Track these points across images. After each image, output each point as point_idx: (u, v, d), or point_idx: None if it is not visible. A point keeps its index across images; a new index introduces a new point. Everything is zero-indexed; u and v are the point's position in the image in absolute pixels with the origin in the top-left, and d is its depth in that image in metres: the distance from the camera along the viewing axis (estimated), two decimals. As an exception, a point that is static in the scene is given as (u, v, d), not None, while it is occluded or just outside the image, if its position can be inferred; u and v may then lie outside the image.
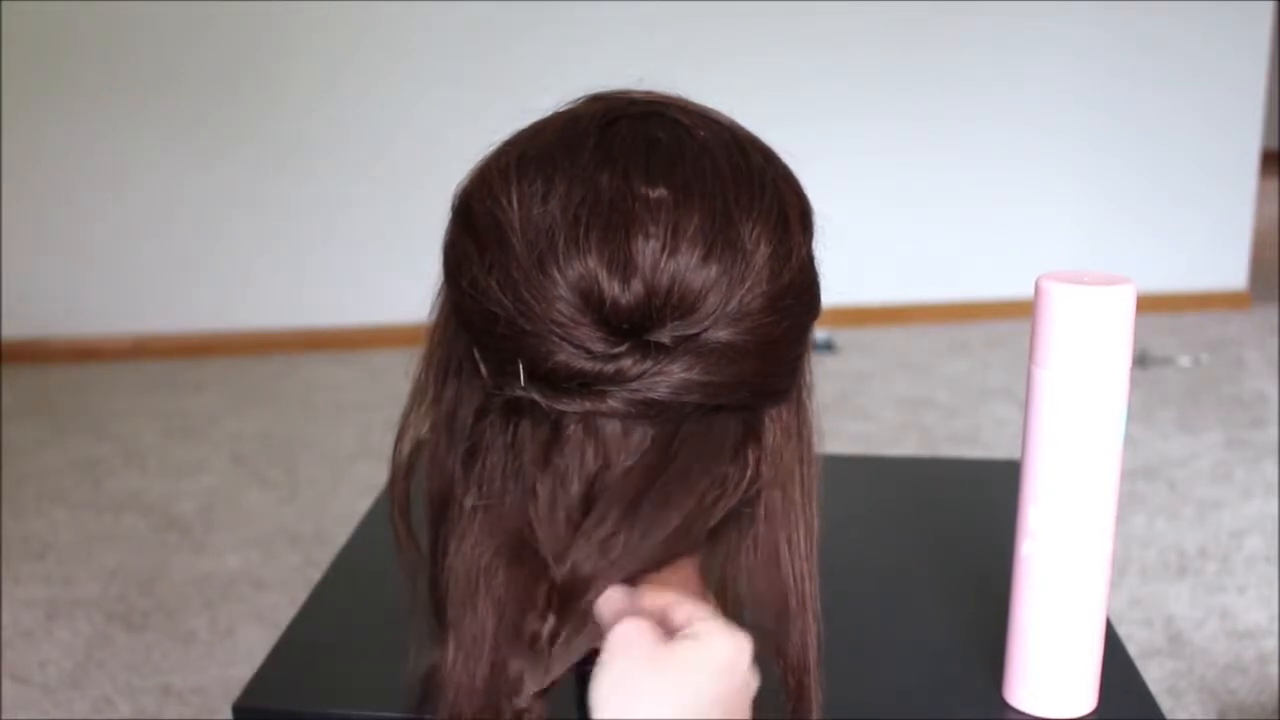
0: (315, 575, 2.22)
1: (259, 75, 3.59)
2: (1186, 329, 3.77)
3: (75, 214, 3.67)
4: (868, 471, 1.23)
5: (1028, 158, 3.89)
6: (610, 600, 0.55)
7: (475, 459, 0.59)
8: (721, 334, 0.54)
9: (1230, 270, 4.06)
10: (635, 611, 0.55)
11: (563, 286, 0.53)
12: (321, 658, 0.89)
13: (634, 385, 0.53)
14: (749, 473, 0.58)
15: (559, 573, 0.54)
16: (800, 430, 0.62)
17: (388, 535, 0.71)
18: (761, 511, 0.61)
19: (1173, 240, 4.00)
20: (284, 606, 2.13)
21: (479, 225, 0.56)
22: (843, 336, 3.69)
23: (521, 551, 0.58)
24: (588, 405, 0.53)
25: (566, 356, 0.53)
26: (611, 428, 0.55)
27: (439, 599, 0.70)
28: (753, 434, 0.58)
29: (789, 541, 0.62)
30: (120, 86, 3.57)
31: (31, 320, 3.72)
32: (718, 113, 0.60)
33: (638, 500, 0.54)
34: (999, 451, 2.80)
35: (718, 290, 0.53)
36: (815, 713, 0.65)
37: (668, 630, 0.54)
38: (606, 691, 0.52)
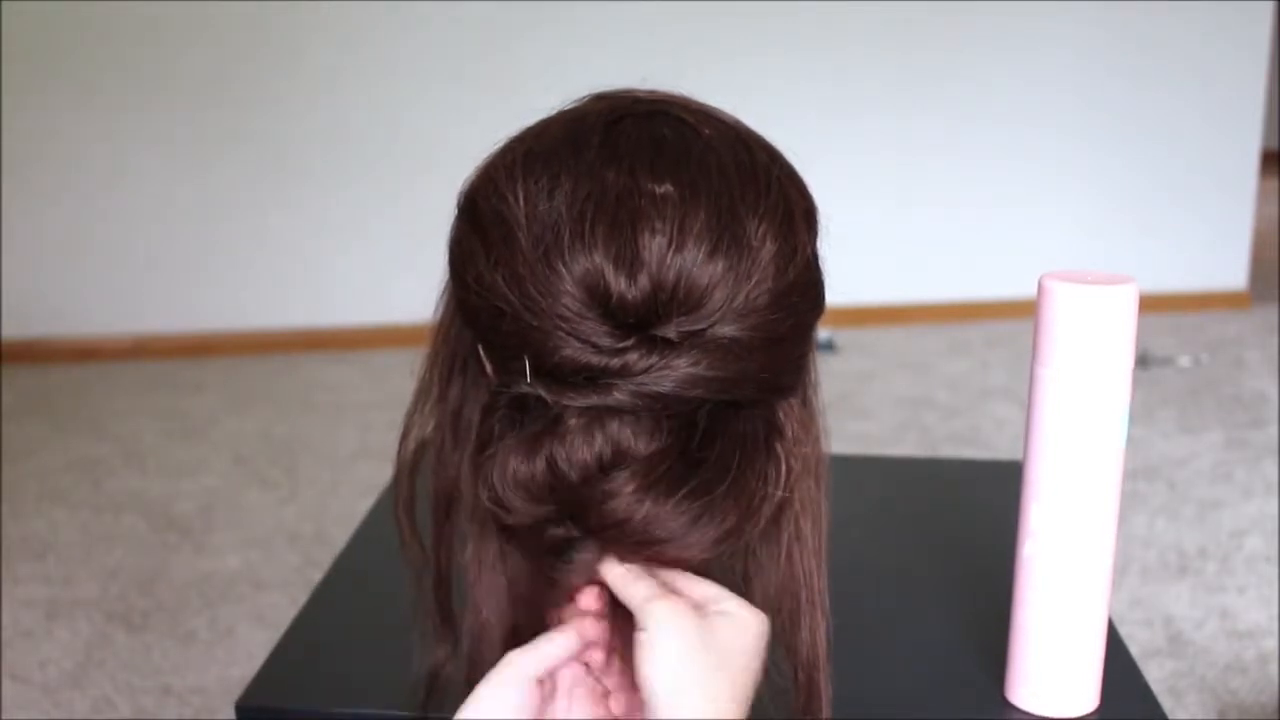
0: (315, 575, 2.21)
1: (259, 75, 3.59)
2: (1186, 329, 3.77)
3: (75, 214, 3.67)
4: (868, 471, 1.23)
5: (1028, 158, 3.89)
6: (626, 577, 0.58)
7: (483, 456, 0.59)
8: (727, 330, 0.54)
9: (1230, 270, 4.06)
10: (662, 590, 0.57)
11: (569, 281, 0.53)
12: (324, 657, 0.89)
13: (640, 379, 0.53)
14: (783, 467, 0.58)
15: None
16: (815, 428, 0.63)
17: (389, 535, 0.71)
18: (797, 505, 0.62)
19: (1173, 240, 4.00)
20: (284, 606, 2.13)
21: (485, 222, 0.56)
22: (843, 336, 3.69)
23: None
24: (594, 399, 0.53)
25: (573, 351, 0.53)
26: (617, 424, 0.55)
27: (442, 597, 0.70)
28: (776, 430, 0.58)
29: (800, 538, 0.63)
30: (120, 86, 3.57)
31: (31, 320, 3.72)
32: (722, 111, 0.60)
33: (673, 488, 0.54)
34: (999, 451, 2.80)
35: (724, 286, 0.53)
36: (826, 710, 0.65)
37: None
38: (670, 671, 0.54)
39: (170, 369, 3.63)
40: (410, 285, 0.99)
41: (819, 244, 0.59)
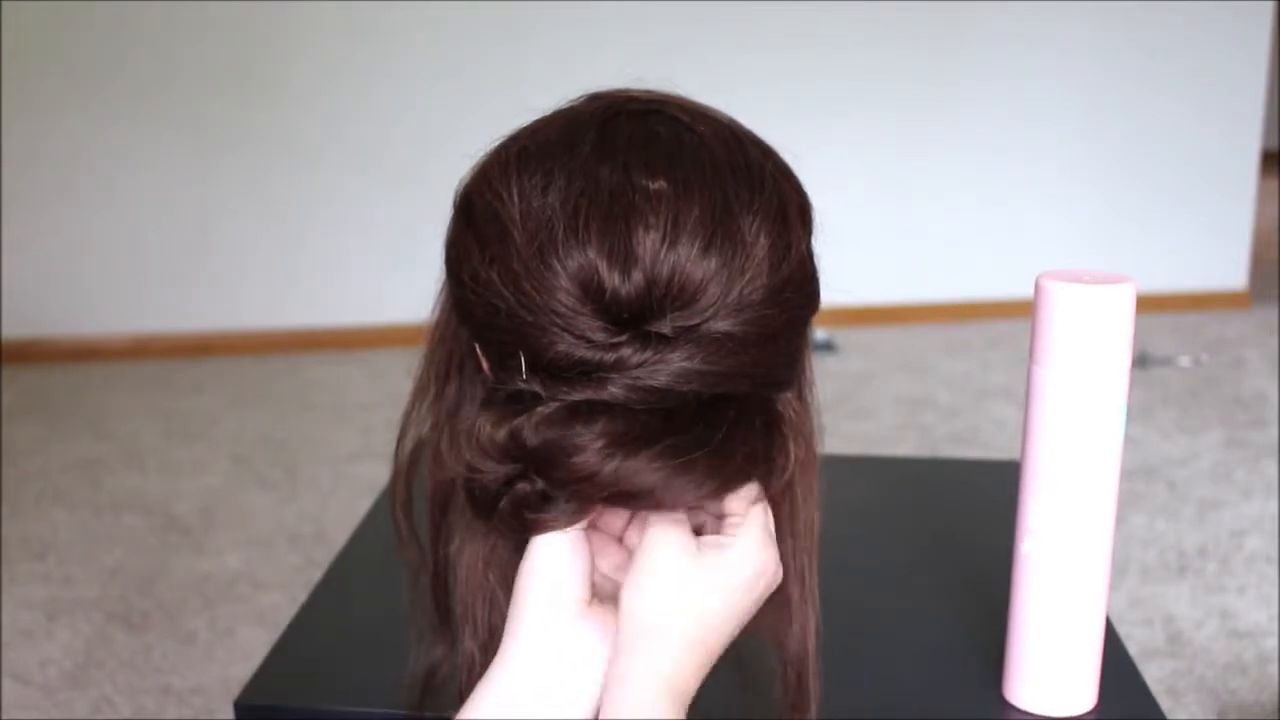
0: (315, 575, 2.22)
1: (259, 74, 3.59)
2: (1186, 329, 3.77)
3: (75, 214, 3.67)
4: (868, 471, 1.23)
5: (1028, 158, 3.89)
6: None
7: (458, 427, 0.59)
8: (722, 325, 0.54)
9: (1230, 270, 4.06)
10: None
11: (563, 277, 0.53)
12: (323, 655, 0.89)
13: (635, 373, 0.53)
14: (790, 450, 0.58)
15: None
16: (806, 424, 0.63)
17: (388, 534, 0.71)
18: (789, 503, 0.62)
19: (1173, 240, 4.00)
20: (284, 606, 2.13)
21: (480, 220, 0.56)
22: (843, 336, 3.69)
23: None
24: (589, 393, 0.53)
25: (567, 346, 0.53)
26: (604, 418, 0.54)
27: (439, 596, 0.70)
28: (776, 416, 0.58)
29: (793, 534, 0.63)
30: (120, 86, 3.57)
31: (31, 320, 3.72)
32: (717, 110, 0.60)
33: (644, 443, 0.53)
34: (999, 451, 2.80)
35: (718, 282, 0.53)
36: (814, 709, 0.65)
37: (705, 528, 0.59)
38: (639, 587, 0.56)
39: (170, 369, 3.63)
40: (409, 285, 0.99)
41: (814, 240, 0.60)
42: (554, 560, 0.57)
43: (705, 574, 0.56)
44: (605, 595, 0.60)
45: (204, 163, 3.65)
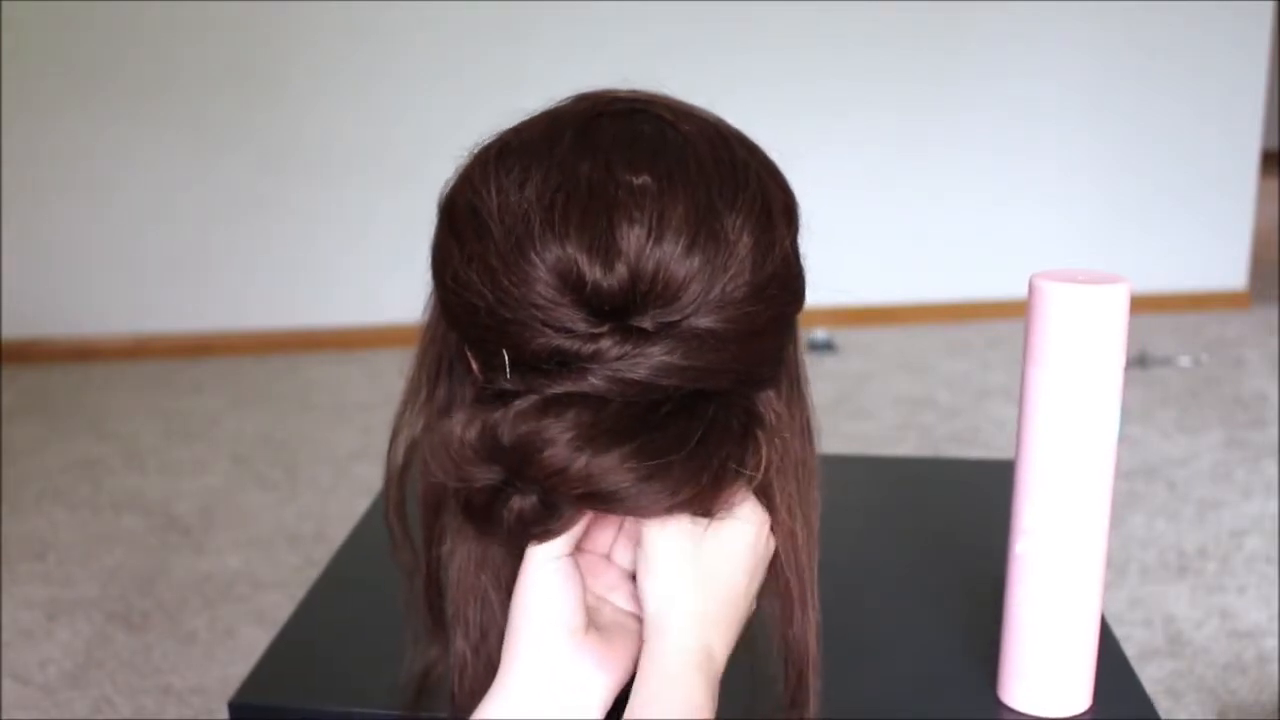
0: (315, 575, 2.21)
1: (259, 75, 3.60)
2: (1186, 329, 3.77)
3: (75, 214, 3.67)
4: (867, 471, 1.23)
5: (1028, 158, 3.89)
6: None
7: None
8: (703, 321, 0.54)
9: (1230, 270, 4.05)
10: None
11: (541, 269, 0.53)
12: (318, 655, 0.89)
13: (615, 365, 0.53)
14: (764, 453, 0.58)
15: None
16: (802, 423, 0.63)
17: (384, 535, 0.71)
18: (787, 501, 0.62)
19: (1172, 240, 4.00)
20: (284, 606, 2.13)
21: (460, 219, 0.56)
22: (843, 336, 3.69)
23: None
24: (569, 385, 0.53)
25: (547, 338, 0.53)
26: (575, 409, 0.54)
27: (433, 598, 0.70)
28: (754, 418, 0.58)
29: (792, 534, 0.63)
30: (120, 86, 3.57)
31: (31, 320, 3.72)
32: (702, 110, 0.61)
33: (616, 441, 0.53)
34: (999, 451, 2.80)
35: (700, 279, 0.53)
36: (814, 707, 0.65)
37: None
38: (661, 584, 0.58)
39: (170, 369, 3.64)
40: (409, 285, 0.99)
41: (800, 238, 0.60)
42: (548, 587, 0.58)
43: (710, 545, 0.58)
44: (601, 619, 0.60)
45: (204, 163, 3.65)
